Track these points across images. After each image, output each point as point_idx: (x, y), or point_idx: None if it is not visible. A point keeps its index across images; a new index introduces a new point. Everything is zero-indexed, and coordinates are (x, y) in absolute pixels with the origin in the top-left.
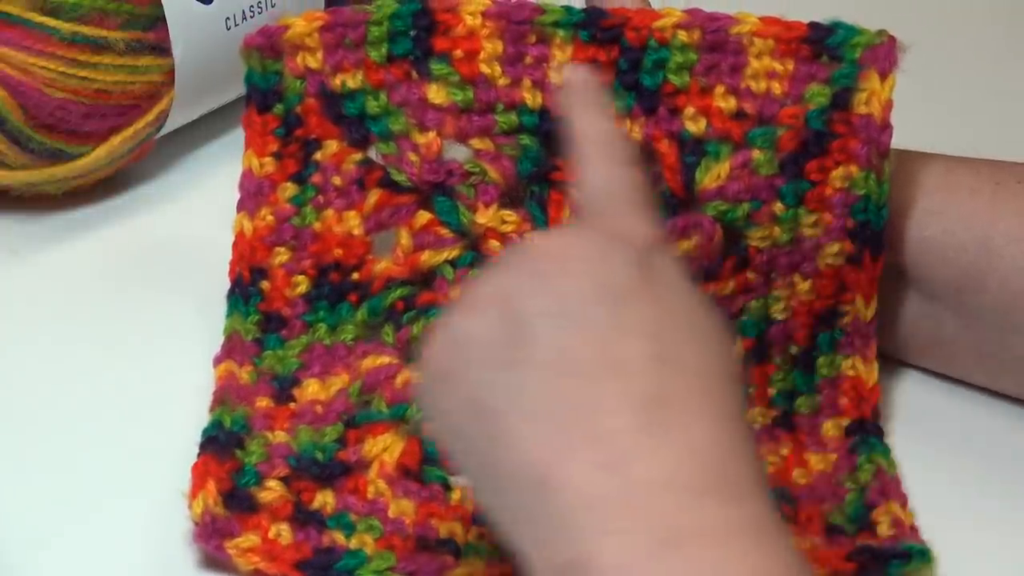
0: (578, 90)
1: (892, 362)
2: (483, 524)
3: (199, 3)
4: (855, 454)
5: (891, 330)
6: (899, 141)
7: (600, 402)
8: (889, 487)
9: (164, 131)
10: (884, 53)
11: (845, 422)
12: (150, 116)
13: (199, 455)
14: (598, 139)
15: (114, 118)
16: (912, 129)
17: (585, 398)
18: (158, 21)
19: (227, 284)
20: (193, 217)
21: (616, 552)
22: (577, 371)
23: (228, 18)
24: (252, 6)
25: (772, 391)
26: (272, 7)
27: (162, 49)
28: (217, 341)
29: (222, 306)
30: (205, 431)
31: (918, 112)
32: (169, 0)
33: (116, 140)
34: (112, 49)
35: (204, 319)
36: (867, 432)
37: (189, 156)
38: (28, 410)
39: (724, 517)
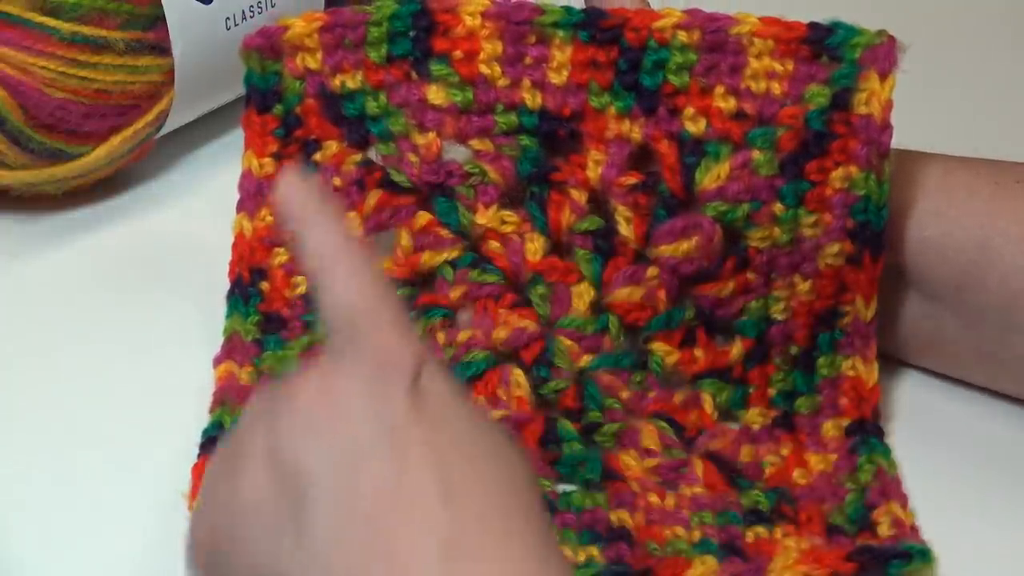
0: (298, 202)
1: (892, 362)
2: None
3: (199, 3)
4: (855, 454)
5: (891, 330)
6: (899, 141)
7: (396, 553)
8: (889, 487)
9: (164, 131)
10: (884, 53)
11: (845, 422)
12: (150, 116)
13: (199, 456)
14: (335, 252)
15: (114, 118)
16: (912, 129)
17: (379, 550)
18: (158, 21)
19: (227, 284)
20: (193, 217)
21: None
22: (365, 521)
23: (228, 18)
24: (252, 6)
25: (772, 391)
26: (272, 7)
27: (162, 49)
28: (217, 341)
29: (222, 306)
30: (205, 432)
31: (918, 112)
32: (169, 0)
33: (116, 140)
34: (112, 49)
35: (204, 319)
36: (867, 432)
37: (189, 156)
38: (28, 410)
39: None
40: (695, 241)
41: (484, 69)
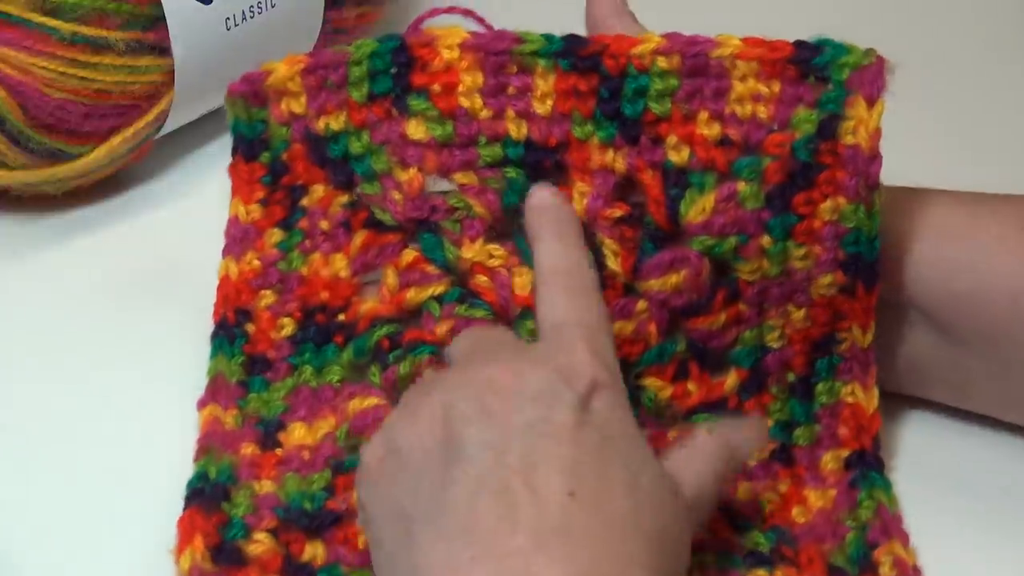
0: (546, 213)
1: (893, 394)
2: None
3: (199, 3)
4: (855, 489)
5: (915, 375)
6: (894, 159)
7: (506, 524)
8: (890, 525)
9: (164, 131)
10: (872, 76)
11: (844, 453)
12: (150, 116)
13: (185, 508)
14: (563, 268)
15: (114, 118)
16: (910, 145)
17: (494, 520)
18: (158, 21)
19: None
20: (193, 217)
21: None
22: (494, 495)
23: (228, 18)
24: (252, 6)
25: (769, 423)
26: (272, 7)
27: (162, 49)
28: None
29: None
30: (190, 483)
31: (916, 123)
32: (169, 0)
33: (116, 140)
34: (112, 49)
35: (203, 319)
36: (867, 465)
37: (189, 156)
38: (27, 411)
39: None
40: (683, 275)
41: (464, 101)
